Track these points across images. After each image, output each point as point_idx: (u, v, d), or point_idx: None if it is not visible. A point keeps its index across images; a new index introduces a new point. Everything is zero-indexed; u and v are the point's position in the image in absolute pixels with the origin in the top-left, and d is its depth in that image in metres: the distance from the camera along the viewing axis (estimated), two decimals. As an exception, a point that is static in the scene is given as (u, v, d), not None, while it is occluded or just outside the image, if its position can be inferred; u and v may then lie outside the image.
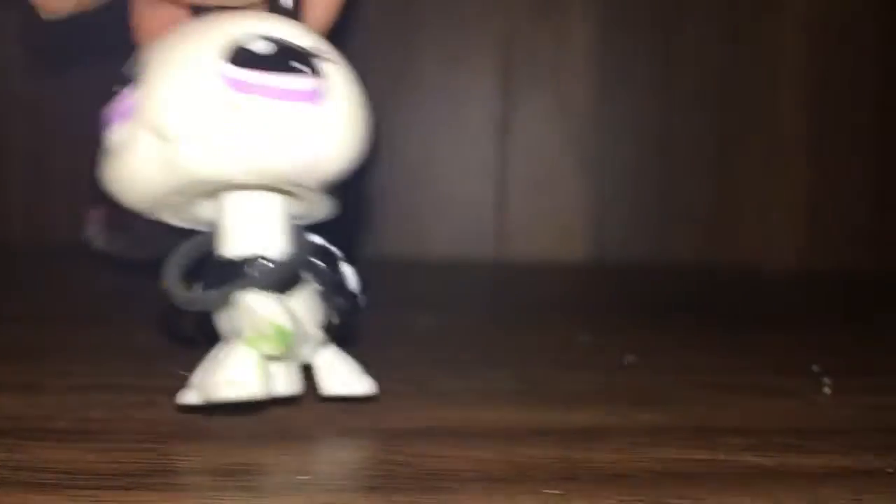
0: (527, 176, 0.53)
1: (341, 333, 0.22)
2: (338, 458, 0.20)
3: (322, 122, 0.20)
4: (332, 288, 0.22)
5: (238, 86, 0.19)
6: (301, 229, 0.21)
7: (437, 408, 0.24)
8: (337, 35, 0.22)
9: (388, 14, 0.52)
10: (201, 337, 0.22)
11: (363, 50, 0.19)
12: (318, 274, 0.21)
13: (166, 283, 0.21)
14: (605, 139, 0.53)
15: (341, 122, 0.20)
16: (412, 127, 0.17)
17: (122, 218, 0.46)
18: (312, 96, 0.20)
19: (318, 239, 0.22)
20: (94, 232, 0.46)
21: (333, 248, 0.22)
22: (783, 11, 0.53)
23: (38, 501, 0.17)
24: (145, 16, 0.22)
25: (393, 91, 0.17)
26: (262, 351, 0.20)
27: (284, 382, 0.21)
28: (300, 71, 0.20)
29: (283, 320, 0.20)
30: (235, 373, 0.20)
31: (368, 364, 0.22)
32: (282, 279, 0.21)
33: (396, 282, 0.43)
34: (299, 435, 0.21)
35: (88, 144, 0.23)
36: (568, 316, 0.39)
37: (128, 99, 0.20)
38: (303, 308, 0.21)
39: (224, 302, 0.20)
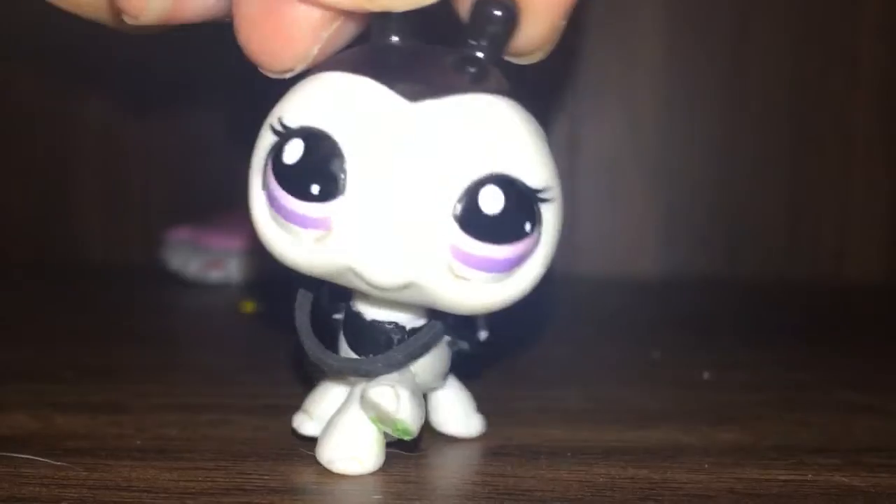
0: (596, 191, 0.52)
1: (465, 373, 0.23)
2: (411, 477, 0.20)
3: (522, 280, 0.18)
4: (458, 334, 0.21)
5: (463, 259, 0.17)
6: None
7: (510, 426, 0.24)
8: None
9: (453, 30, 0.52)
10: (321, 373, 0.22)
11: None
12: (448, 327, 0.21)
13: (306, 343, 0.20)
14: (675, 153, 0.53)
15: (539, 270, 0.18)
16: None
17: (200, 240, 0.47)
18: (525, 259, 0.18)
19: None
20: (171, 253, 0.47)
21: None
22: (857, 17, 0.52)
23: (117, 520, 0.17)
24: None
25: (549, 155, 0.17)
26: (384, 430, 0.19)
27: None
28: (524, 233, 0.17)
29: (408, 420, 0.19)
30: (358, 450, 0.19)
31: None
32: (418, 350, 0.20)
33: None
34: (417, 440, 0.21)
35: (165, 167, 0.23)
36: (639, 332, 0.38)
37: (323, 211, 0.17)
38: (425, 363, 0.20)
39: (356, 374, 0.20)
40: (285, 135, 0.17)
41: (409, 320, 0.20)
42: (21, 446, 0.21)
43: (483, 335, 0.22)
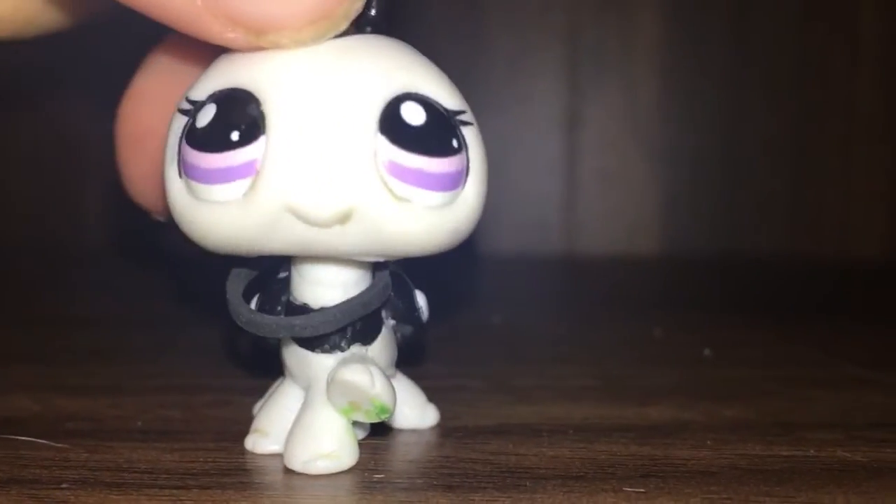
0: (596, 170, 0.52)
1: (409, 358, 0.22)
2: (413, 455, 0.20)
3: (463, 206, 0.17)
4: (401, 317, 0.20)
5: (398, 173, 0.16)
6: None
7: (511, 404, 0.24)
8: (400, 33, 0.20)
9: (452, 11, 0.51)
10: (258, 358, 0.22)
11: (427, 48, 0.19)
12: (394, 310, 0.20)
13: (230, 299, 0.19)
14: (676, 130, 0.52)
15: (477, 198, 0.18)
16: (479, 124, 0.16)
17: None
18: (460, 180, 0.17)
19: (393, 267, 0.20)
20: (169, 235, 0.47)
21: (406, 277, 0.20)
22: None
23: (118, 501, 0.17)
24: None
25: (459, 89, 0.17)
26: (354, 419, 0.19)
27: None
28: (453, 149, 0.17)
29: (385, 395, 0.18)
30: (332, 445, 0.18)
31: (442, 361, 0.21)
32: (369, 326, 0.19)
33: (467, 278, 0.43)
34: (374, 433, 0.20)
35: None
36: (641, 310, 0.38)
37: (247, 155, 0.16)
38: (378, 348, 0.20)
39: (291, 333, 0.19)
40: (195, 107, 0.17)
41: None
42: (22, 428, 0.21)
43: (425, 316, 0.21)
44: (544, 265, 0.50)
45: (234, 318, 0.19)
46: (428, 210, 0.17)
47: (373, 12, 0.17)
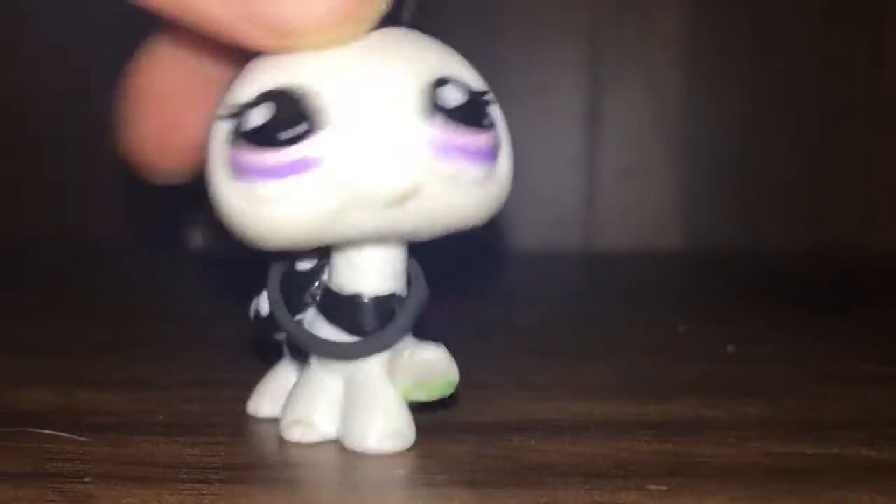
0: (617, 164, 0.52)
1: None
2: (434, 451, 0.20)
3: (499, 179, 0.19)
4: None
5: (444, 149, 0.17)
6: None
7: (533, 400, 0.23)
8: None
9: (472, 7, 0.51)
10: (288, 352, 0.22)
11: (446, 40, 0.19)
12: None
13: (274, 304, 0.20)
14: (697, 125, 0.52)
15: (509, 172, 0.19)
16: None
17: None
18: (495, 154, 0.18)
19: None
20: (193, 231, 0.47)
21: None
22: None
23: (141, 495, 0.17)
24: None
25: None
26: (413, 398, 0.19)
27: None
28: (488, 125, 0.18)
29: (457, 374, 0.19)
30: (399, 425, 0.19)
31: (463, 357, 0.21)
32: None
33: (488, 274, 0.43)
34: (395, 429, 0.20)
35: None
36: (663, 305, 0.38)
37: (310, 149, 0.17)
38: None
39: (367, 354, 0.20)
40: (242, 110, 0.17)
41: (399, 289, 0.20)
42: (44, 422, 0.21)
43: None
44: (565, 261, 0.50)
45: (302, 346, 0.20)
46: (473, 184, 0.18)
47: (405, 15, 0.19)
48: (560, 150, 0.52)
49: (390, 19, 0.18)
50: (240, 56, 0.18)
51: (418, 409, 0.20)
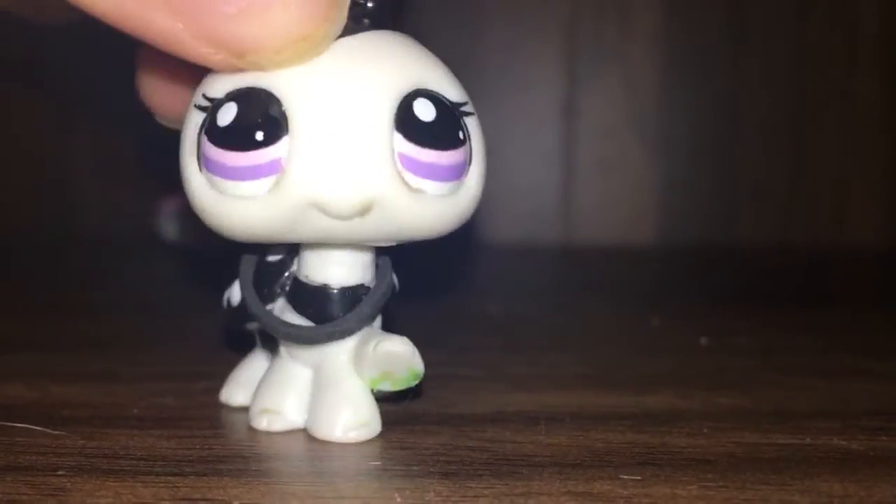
0: (593, 159, 0.52)
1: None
2: (410, 443, 0.20)
3: (467, 192, 0.19)
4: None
5: (413, 167, 0.17)
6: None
7: (508, 392, 0.24)
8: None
9: (451, 2, 0.51)
10: (259, 341, 0.22)
11: (425, 36, 0.19)
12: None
13: (246, 294, 0.20)
14: (674, 119, 0.52)
15: (478, 185, 0.19)
16: (477, 112, 0.16)
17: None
18: (465, 169, 0.18)
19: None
20: (165, 223, 0.47)
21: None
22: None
23: (114, 488, 0.17)
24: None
25: (457, 77, 0.17)
26: (380, 388, 0.20)
27: None
28: (459, 142, 0.18)
29: (421, 365, 0.19)
30: (364, 415, 0.20)
31: (439, 349, 0.21)
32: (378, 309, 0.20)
33: (465, 267, 0.43)
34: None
35: (156, 138, 0.23)
36: (638, 299, 0.38)
37: (272, 154, 0.17)
38: (376, 322, 0.21)
39: (329, 340, 0.20)
40: (213, 105, 0.17)
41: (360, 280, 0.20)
42: (18, 416, 0.21)
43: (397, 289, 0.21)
44: (542, 254, 0.50)
45: (271, 331, 0.20)
46: (438, 199, 0.18)
47: (370, 5, 0.18)
48: (537, 144, 0.52)
49: (378, 21, 0.18)
50: None
51: (391, 400, 0.20)
